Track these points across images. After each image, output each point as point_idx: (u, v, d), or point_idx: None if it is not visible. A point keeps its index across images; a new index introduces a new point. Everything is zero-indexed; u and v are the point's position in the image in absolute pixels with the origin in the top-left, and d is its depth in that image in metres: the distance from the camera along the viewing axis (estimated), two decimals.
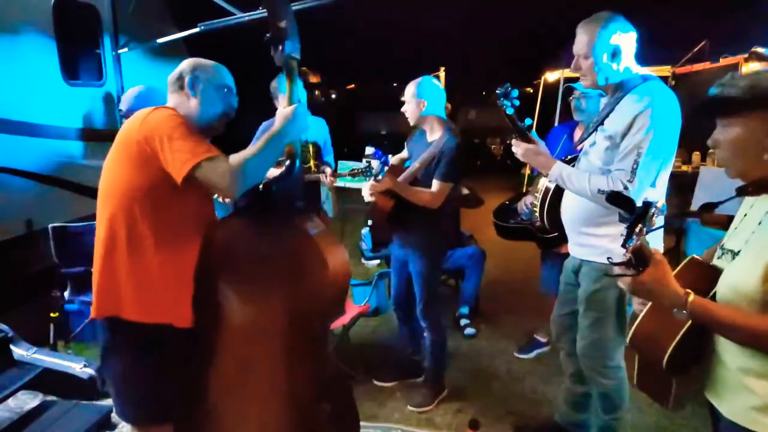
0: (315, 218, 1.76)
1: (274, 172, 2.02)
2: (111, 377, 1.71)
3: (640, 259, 1.18)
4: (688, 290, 1.18)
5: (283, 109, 1.67)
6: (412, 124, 2.83)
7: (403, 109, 2.79)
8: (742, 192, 1.30)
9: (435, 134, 2.75)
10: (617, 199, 1.19)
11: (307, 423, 1.62)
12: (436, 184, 2.65)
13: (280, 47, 1.55)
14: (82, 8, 4.38)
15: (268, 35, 1.56)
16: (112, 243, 1.61)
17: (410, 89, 2.72)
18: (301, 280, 1.61)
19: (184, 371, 1.66)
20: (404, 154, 3.03)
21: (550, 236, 2.97)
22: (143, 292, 1.61)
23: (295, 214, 1.71)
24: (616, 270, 1.24)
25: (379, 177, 2.66)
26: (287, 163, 1.69)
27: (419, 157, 2.75)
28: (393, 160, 3.04)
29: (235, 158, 1.54)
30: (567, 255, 3.13)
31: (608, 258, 1.26)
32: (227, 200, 1.96)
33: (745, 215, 1.32)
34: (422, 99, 2.69)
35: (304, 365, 1.62)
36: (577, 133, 3.19)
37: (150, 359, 1.63)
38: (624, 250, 1.17)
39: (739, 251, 1.26)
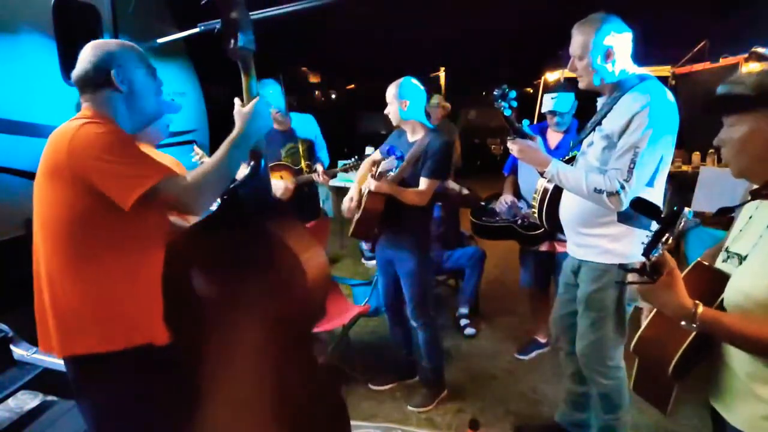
0: (287, 219, 1.64)
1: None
2: (91, 418, 1.55)
3: (655, 267, 1.13)
4: (697, 302, 1.15)
5: (241, 108, 1.51)
6: (394, 124, 2.85)
7: (386, 111, 2.81)
8: (756, 195, 1.27)
9: (417, 134, 2.77)
10: (641, 206, 1.13)
11: (297, 426, 1.57)
12: (423, 182, 2.66)
13: (233, 40, 1.42)
14: (82, 8, 4.37)
15: (217, 28, 1.45)
16: (60, 274, 1.43)
17: (392, 90, 2.75)
18: (275, 286, 1.52)
19: (169, 393, 1.53)
20: (376, 155, 2.98)
21: (533, 233, 3.02)
22: (107, 319, 1.45)
23: (265, 218, 1.57)
24: (630, 277, 1.19)
25: (391, 173, 2.66)
26: (251, 164, 1.56)
27: (406, 157, 2.75)
28: (365, 163, 3.06)
29: (194, 173, 1.40)
30: (546, 252, 3.19)
31: (620, 265, 1.21)
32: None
33: (750, 218, 1.30)
34: (404, 99, 2.71)
35: (289, 370, 1.57)
36: (551, 134, 3.25)
37: (132, 389, 1.48)
38: (644, 259, 1.12)
39: (746, 256, 1.23)
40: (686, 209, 1.08)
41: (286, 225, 1.59)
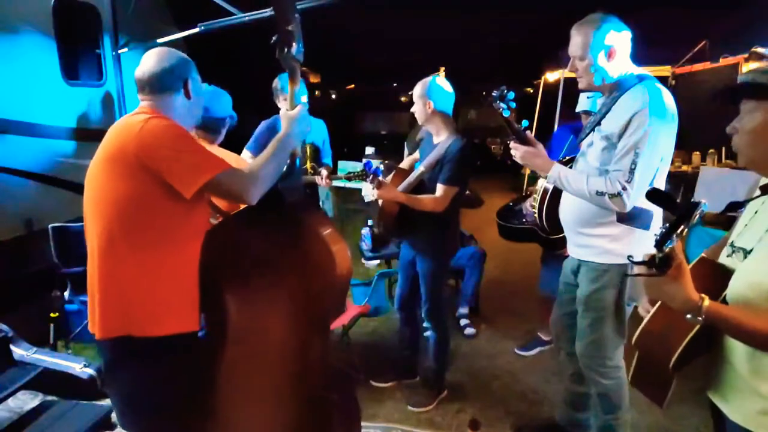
0: (321, 215, 1.79)
1: None
2: (120, 395, 1.65)
3: (664, 260, 1.12)
4: (703, 295, 1.15)
5: (288, 112, 1.69)
6: (420, 123, 2.84)
7: (412, 109, 2.79)
8: (767, 190, 1.29)
9: (440, 137, 2.75)
10: (657, 197, 1.13)
11: (316, 412, 1.63)
12: (440, 189, 2.63)
13: (287, 50, 1.57)
14: (82, 8, 4.37)
15: (275, 37, 1.57)
16: (111, 258, 1.52)
17: (418, 89, 2.71)
18: (311, 277, 1.62)
19: (196, 377, 1.61)
20: (416, 155, 3.01)
21: (554, 237, 2.97)
22: (152, 305, 1.54)
23: (302, 212, 1.73)
24: (636, 269, 1.18)
25: (375, 184, 2.65)
26: (288, 161, 1.70)
27: (425, 161, 2.75)
28: (403, 163, 3.06)
29: (250, 167, 1.55)
30: (567, 257, 3.15)
31: (629, 257, 1.18)
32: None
33: (756, 212, 1.31)
34: (429, 99, 2.67)
35: (314, 357, 1.64)
36: None
37: (162, 371, 1.56)
38: (654, 249, 1.10)
39: (752, 249, 1.24)
40: (703, 201, 1.07)
41: (318, 218, 1.75)
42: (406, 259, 2.98)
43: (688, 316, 1.16)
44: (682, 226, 1.08)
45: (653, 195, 1.14)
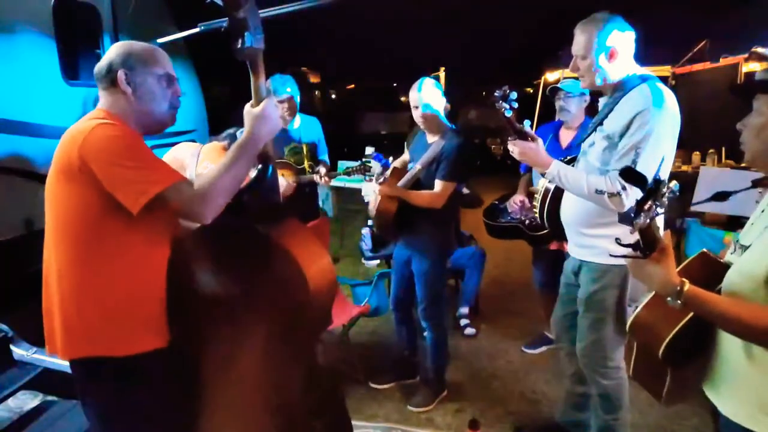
0: (293, 225, 1.58)
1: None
2: (96, 423, 1.53)
3: (647, 241, 1.16)
4: (684, 279, 1.18)
5: (252, 110, 1.46)
6: (422, 127, 2.85)
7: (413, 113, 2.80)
8: (757, 184, 1.31)
9: (435, 136, 2.76)
10: (629, 174, 1.15)
11: None
12: (438, 184, 2.66)
13: (240, 40, 1.38)
14: (82, 8, 4.37)
15: (224, 27, 1.41)
16: (71, 275, 1.41)
17: (413, 94, 2.73)
18: (280, 296, 1.48)
19: (171, 398, 1.51)
20: (406, 156, 3.03)
21: (539, 233, 3.01)
22: (115, 322, 1.42)
23: (268, 224, 1.52)
24: (620, 250, 1.21)
25: (381, 179, 2.67)
26: (259, 167, 1.52)
27: (420, 159, 2.76)
28: (396, 163, 3.05)
29: (202, 179, 1.38)
30: (556, 251, 3.18)
31: (616, 239, 1.22)
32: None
33: (763, 211, 1.32)
34: (421, 102, 2.70)
35: (292, 381, 1.53)
36: (563, 133, 3.23)
37: (135, 393, 1.45)
38: (630, 228, 1.14)
39: (750, 245, 1.26)
40: (674, 182, 1.11)
41: (291, 232, 1.54)
42: (400, 259, 2.98)
43: (669, 299, 1.19)
44: (649, 202, 1.11)
45: (625, 173, 1.16)
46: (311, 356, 1.66)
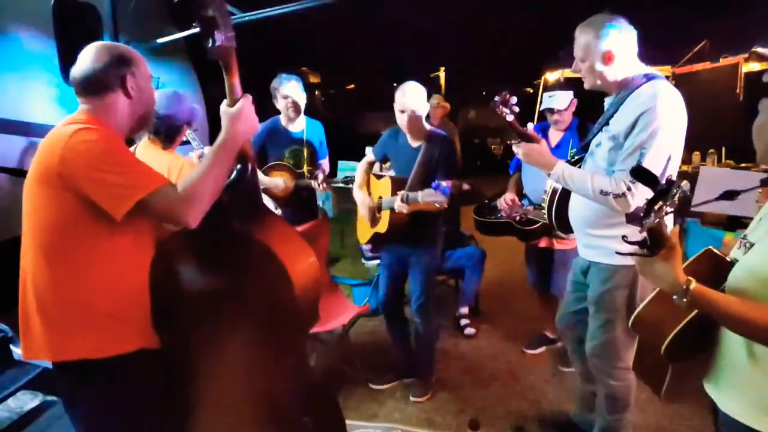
0: (274, 224, 1.57)
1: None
2: (81, 426, 1.51)
3: (654, 239, 1.15)
4: (690, 278, 1.17)
5: (228, 109, 1.44)
6: (406, 131, 2.84)
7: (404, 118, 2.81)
8: (766, 182, 1.32)
9: (418, 140, 2.81)
10: (640, 174, 1.14)
11: None
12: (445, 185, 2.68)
13: (211, 39, 1.36)
14: (82, 8, 4.37)
15: (195, 24, 1.38)
16: (49, 281, 1.40)
17: (400, 98, 2.74)
18: (262, 293, 1.48)
19: (157, 399, 1.50)
20: (370, 157, 3.08)
21: (530, 229, 3.05)
22: (99, 324, 1.41)
23: (249, 224, 1.52)
24: (627, 248, 1.20)
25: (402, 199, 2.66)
26: (238, 167, 1.50)
27: (415, 164, 2.76)
28: (372, 169, 3.13)
29: (184, 183, 1.36)
30: (545, 249, 3.19)
31: (623, 236, 1.21)
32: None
33: None
34: (410, 105, 2.72)
35: (280, 380, 1.54)
36: (552, 133, 3.24)
37: (122, 394, 1.45)
38: (640, 227, 1.13)
39: (754, 243, 1.26)
40: (685, 182, 1.09)
41: (272, 229, 1.53)
42: (394, 257, 2.99)
43: (675, 297, 1.18)
44: (660, 202, 1.10)
45: (637, 172, 1.15)
46: (299, 353, 1.66)
